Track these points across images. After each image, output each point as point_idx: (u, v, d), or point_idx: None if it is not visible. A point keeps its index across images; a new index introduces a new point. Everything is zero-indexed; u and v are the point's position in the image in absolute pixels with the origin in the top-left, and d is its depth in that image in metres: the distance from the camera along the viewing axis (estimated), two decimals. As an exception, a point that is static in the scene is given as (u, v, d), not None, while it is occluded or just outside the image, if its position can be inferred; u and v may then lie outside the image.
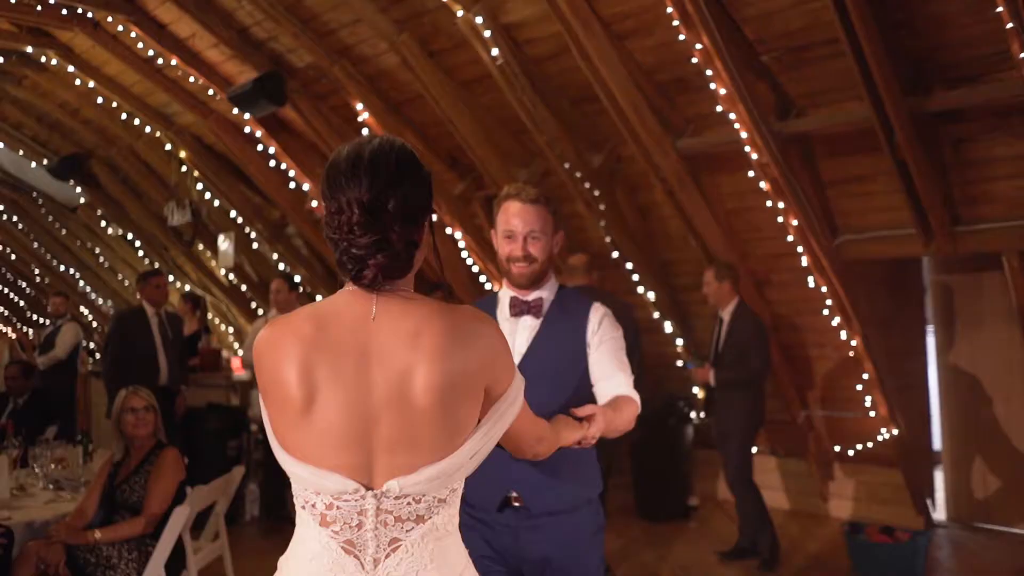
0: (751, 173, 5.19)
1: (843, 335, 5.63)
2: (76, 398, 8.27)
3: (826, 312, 5.60)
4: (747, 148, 4.94)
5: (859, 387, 5.79)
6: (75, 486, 4.13)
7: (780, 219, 5.28)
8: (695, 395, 6.68)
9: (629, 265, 6.33)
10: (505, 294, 2.50)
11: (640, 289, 6.41)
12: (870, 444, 5.97)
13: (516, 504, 2.36)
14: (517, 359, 2.36)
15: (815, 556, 5.63)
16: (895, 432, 5.77)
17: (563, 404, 2.21)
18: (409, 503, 1.46)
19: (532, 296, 2.45)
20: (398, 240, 1.48)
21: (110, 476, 3.87)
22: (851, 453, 6.14)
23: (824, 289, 5.46)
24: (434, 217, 1.64)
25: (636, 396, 2.35)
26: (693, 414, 6.80)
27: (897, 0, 4.16)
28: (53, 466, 4.23)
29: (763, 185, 5.12)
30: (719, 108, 4.89)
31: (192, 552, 3.93)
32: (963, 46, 4.34)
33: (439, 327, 1.47)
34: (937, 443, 6.55)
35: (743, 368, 5.26)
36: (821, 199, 5.33)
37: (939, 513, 6.27)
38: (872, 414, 5.84)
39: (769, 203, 5.24)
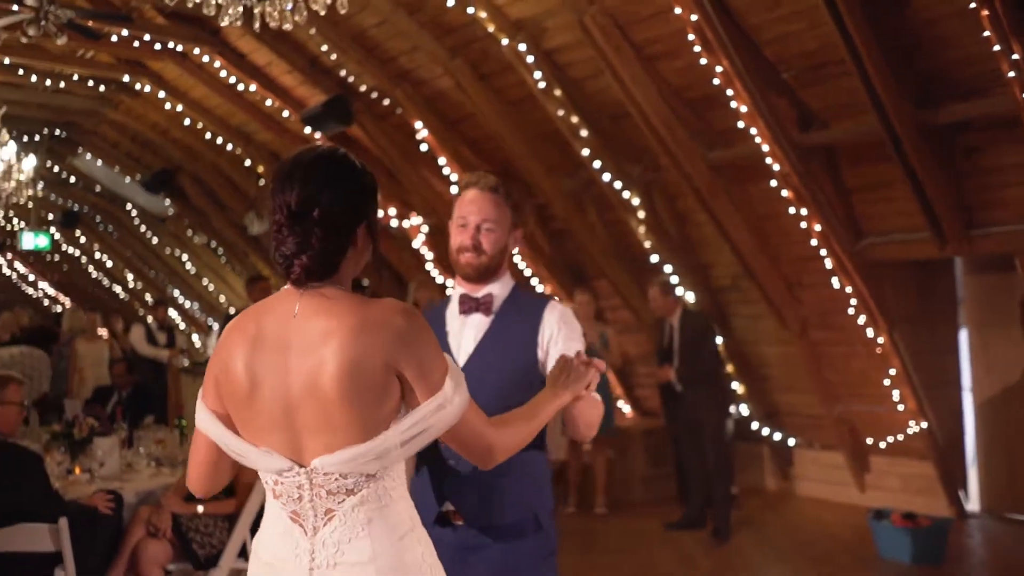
0: (773, 182, 5.58)
1: (870, 333, 5.96)
2: (168, 391, 9.11)
3: (851, 311, 5.93)
4: (768, 160, 5.34)
5: (887, 383, 6.10)
6: (173, 463, 4.79)
7: (803, 225, 5.64)
8: (734, 389, 7.10)
9: (668, 268, 6.76)
10: (456, 291, 2.35)
11: (679, 291, 6.82)
12: (900, 437, 6.26)
13: (455, 521, 2.18)
14: (464, 358, 2.23)
15: (843, 542, 5.96)
16: (924, 425, 6.05)
17: (511, 408, 1.92)
18: (337, 479, 1.59)
19: (482, 292, 2.29)
20: (319, 244, 1.58)
21: None
22: (883, 446, 6.44)
23: (849, 290, 5.80)
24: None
25: (599, 397, 2.17)
26: (733, 408, 7.18)
27: (901, 23, 4.52)
28: (155, 446, 4.92)
29: (785, 193, 5.50)
30: (740, 124, 5.29)
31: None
32: (966, 63, 4.66)
33: (347, 323, 1.56)
34: (971, 437, 6.77)
35: (698, 362, 6.09)
36: (845, 205, 5.67)
37: (972, 504, 6.51)
38: (900, 408, 6.13)
39: (792, 209, 5.62)
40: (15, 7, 6.10)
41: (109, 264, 14.65)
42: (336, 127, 7.39)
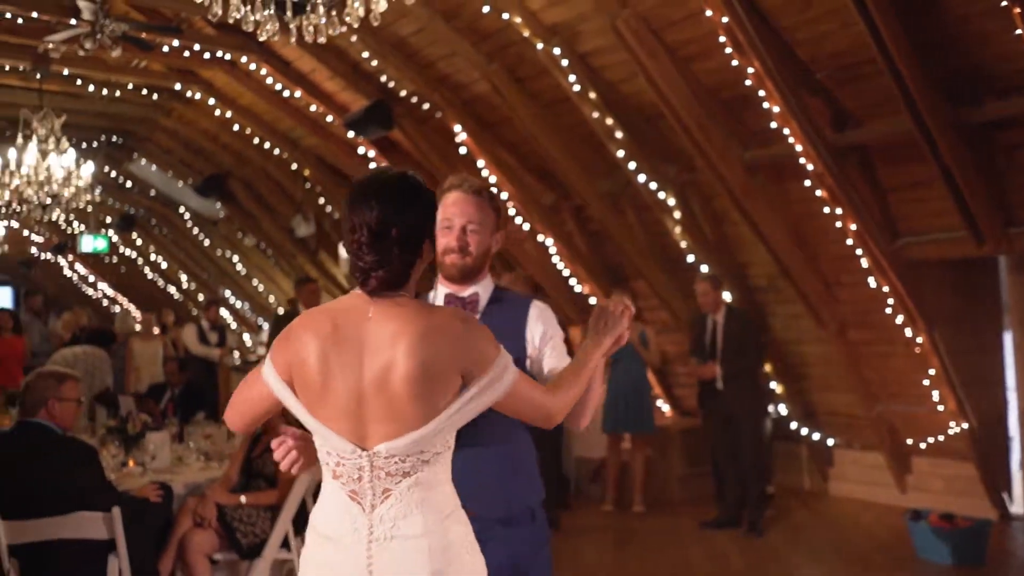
0: (808, 182, 5.58)
1: (908, 332, 5.92)
2: (219, 388, 9.41)
3: (889, 311, 5.90)
4: (802, 160, 5.35)
5: (926, 383, 6.05)
6: (220, 457, 5.00)
7: (839, 224, 5.64)
8: (772, 388, 7.10)
9: (704, 268, 6.79)
10: (440, 292, 2.40)
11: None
12: (941, 437, 6.21)
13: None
14: None
15: (880, 542, 5.94)
16: (965, 426, 5.99)
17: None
18: (396, 462, 1.81)
19: (467, 292, 2.36)
20: (397, 260, 1.82)
21: (248, 450, 4.69)
22: (923, 446, 6.38)
23: (886, 289, 5.78)
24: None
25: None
26: (771, 407, 7.18)
27: (932, 22, 4.50)
28: (203, 441, 5.14)
29: (820, 193, 5.51)
30: (773, 124, 5.31)
31: (314, 514, 4.72)
32: (1003, 61, 4.62)
33: (415, 328, 1.80)
34: (1016, 438, 6.67)
35: (742, 361, 6.12)
36: (882, 204, 5.65)
37: (1017, 506, 6.41)
38: (941, 409, 6.08)
39: (827, 209, 5.62)
40: (72, 21, 6.40)
41: (164, 265, 15.10)
42: (377, 131, 7.57)
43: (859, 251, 5.67)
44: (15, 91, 9.02)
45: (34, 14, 6.88)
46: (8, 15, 7.01)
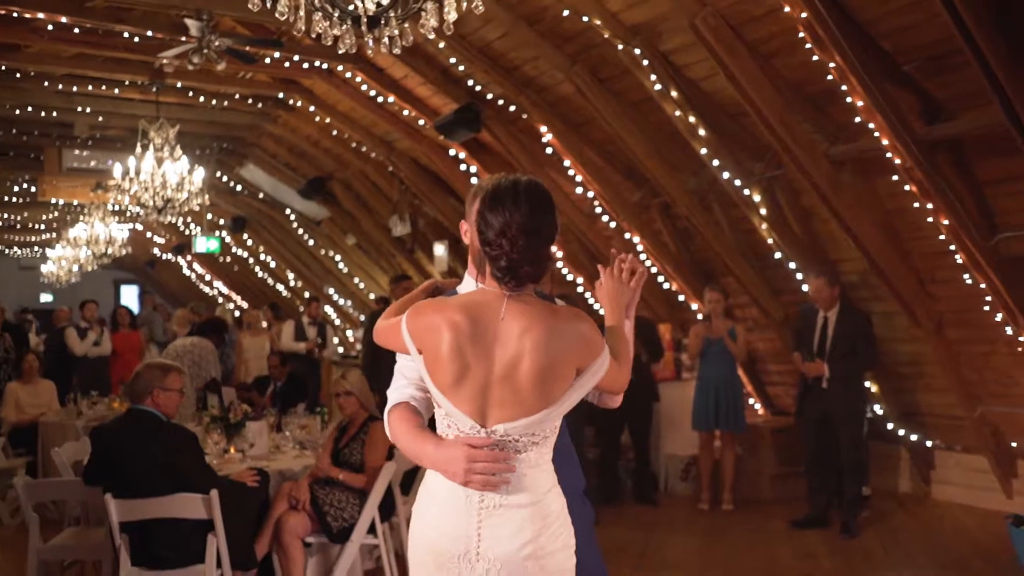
0: (897, 177, 5.43)
1: (1009, 331, 5.68)
2: (320, 381, 9.85)
3: (987, 308, 5.67)
4: (889, 154, 5.22)
5: (1030, 383, 5.80)
6: (314, 447, 5.30)
7: (931, 219, 5.46)
8: (868, 388, 6.91)
9: (792, 265, 6.69)
10: (467, 284, 2.40)
11: (805, 288, 6.73)
12: (1047, 441, 5.93)
13: None
14: None
15: (981, 548, 5.74)
16: (1073, 429, 5.72)
17: None
18: (510, 441, 2.04)
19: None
20: (544, 257, 2.05)
21: (336, 439, 4.95)
22: (1028, 450, 6.12)
23: (983, 285, 5.56)
24: None
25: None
26: (867, 407, 6.99)
27: (1020, 7, 4.32)
28: (299, 431, 5.45)
29: (908, 188, 5.35)
30: (857, 119, 5.20)
31: (401, 503, 4.94)
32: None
33: (542, 327, 2.02)
34: None
35: (857, 359, 5.88)
36: (977, 198, 5.44)
37: None
38: (1047, 410, 5.82)
39: (917, 204, 5.45)
40: (183, 39, 6.87)
41: (272, 264, 15.82)
42: (466, 134, 7.78)
43: (952, 247, 5.48)
44: (134, 103, 9.70)
45: (149, 33, 7.41)
46: (126, 34, 7.56)
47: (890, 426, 6.96)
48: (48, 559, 4.53)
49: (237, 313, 15.66)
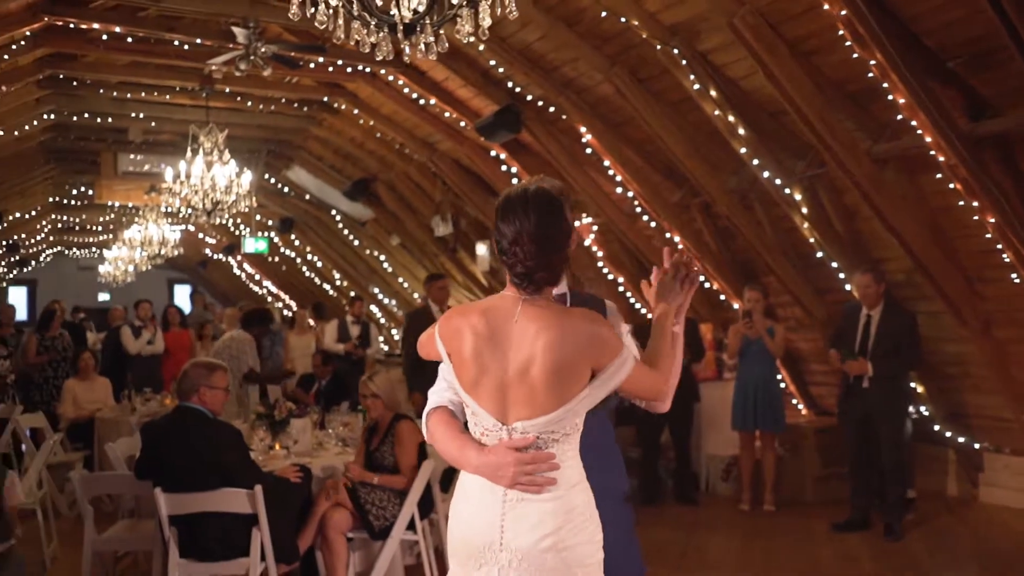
0: (939, 175, 5.35)
1: (1060, 331, 5.56)
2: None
3: (1037, 308, 5.56)
4: (932, 151, 5.14)
5: (1083, 384, 5.66)
6: (356, 444, 5.40)
7: (976, 218, 5.37)
8: (913, 388, 6.81)
9: (834, 265, 6.62)
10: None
11: (848, 287, 6.65)
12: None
13: None
14: None
15: (1033, 552, 5.62)
16: None
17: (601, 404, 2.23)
18: (530, 438, 2.14)
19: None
20: (557, 261, 2.14)
21: (367, 442, 5.02)
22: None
23: (1032, 285, 5.45)
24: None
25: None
26: (912, 408, 6.88)
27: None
28: (342, 428, 5.56)
29: (953, 185, 5.27)
30: (899, 116, 5.14)
31: (440, 500, 5.02)
32: None
33: (554, 330, 2.09)
34: None
35: (899, 359, 5.78)
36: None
37: None
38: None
39: (962, 202, 5.36)
40: (230, 46, 7.06)
41: (319, 264, 16.09)
42: (506, 135, 7.85)
43: (999, 245, 5.38)
44: (185, 109, 9.97)
45: (198, 40, 7.63)
46: (176, 42, 7.80)
47: (937, 427, 6.85)
48: (102, 550, 4.70)
49: (287, 313, 15.94)
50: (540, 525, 2.11)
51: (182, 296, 25.34)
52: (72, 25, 7.33)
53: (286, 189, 13.49)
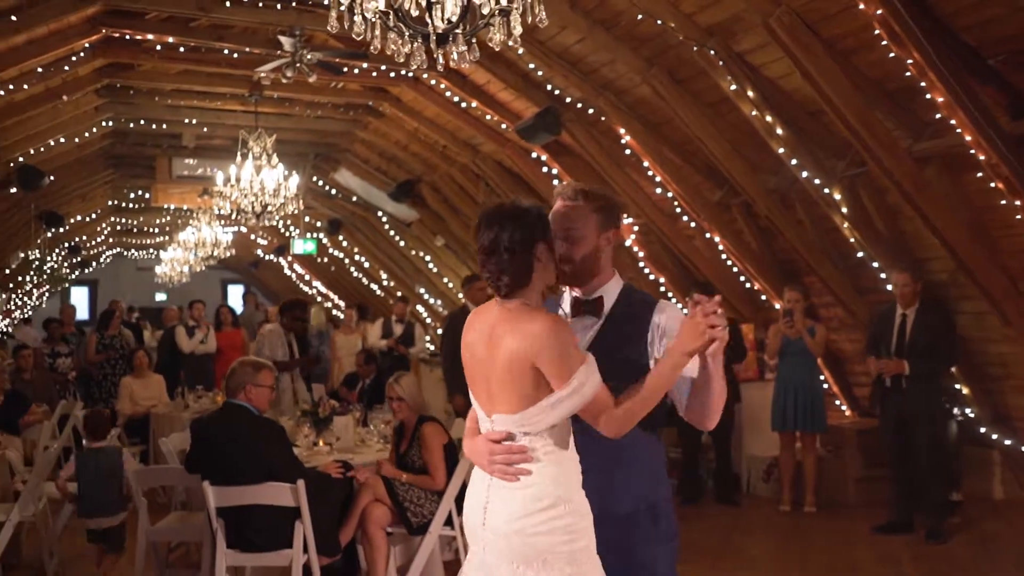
0: (980, 174, 5.29)
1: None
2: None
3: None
4: (972, 150, 5.08)
5: None
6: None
7: (1019, 216, 5.29)
8: (958, 390, 6.72)
9: (875, 264, 6.56)
10: (568, 294, 2.54)
11: (889, 287, 6.59)
12: None
13: None
14: None
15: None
16: None
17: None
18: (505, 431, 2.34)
19: (593, 296, 2.47)
20: (513, 267, 2.28)
21: (396, 444, 5.10)
22: None
23: (1080, 285, 5.35)
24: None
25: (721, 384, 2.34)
26: (957, 410, 6.79)
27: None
28: (383, 426, 5.71)
29: (994, 184, 5.20)
30: (938, 115, 5.09)
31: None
32: None
33: (510, 328, 2.28)
34: None
35: (938, 356, 5.84)
36: (1071, 194, 5.24)
37: None
38: None
39: (1004, 201, 5.29)
40: (277, 53, 7.27)
41: (366, 265, 16.35)
42: (546, 137, 7.92)
43: (1044, 245, 5.30)
44: (236, 115, 10.27)
45: (247, 49, 7.88)
46: (226, 51, 8.06)
47: (983, 430, 6.74)
48: (155, 540, 4.91)
49: (339, 314, 16.20)
50: (511, 511, 2.30)
51: (235, 296, 25.92)
52: (128, 36, 7.64)
53: (334, 191, 13.75)
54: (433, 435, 4.89)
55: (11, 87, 7.52)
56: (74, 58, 7.80)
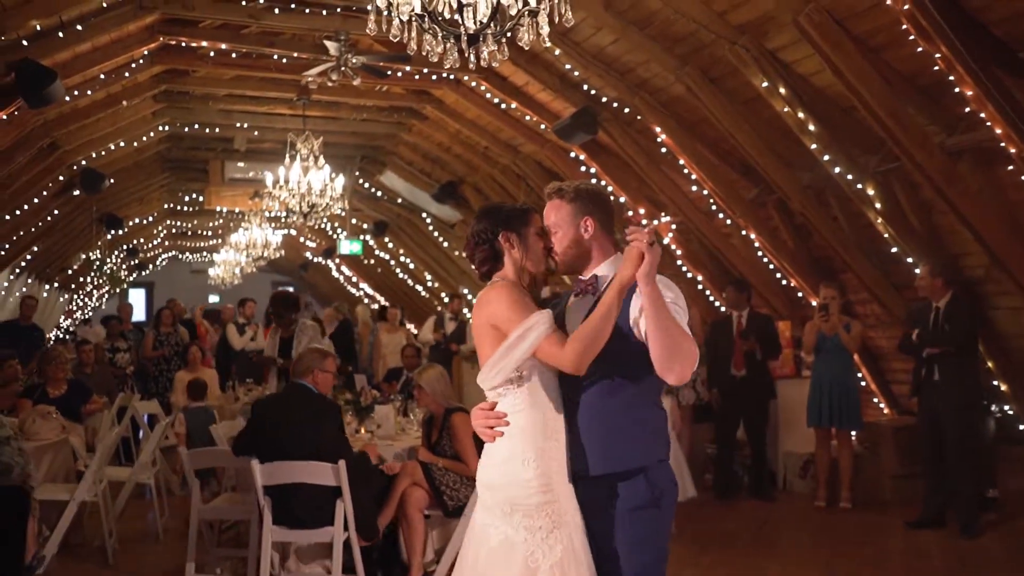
0: (1011, 167, 5.30)
1: None
2: (451, 375, 10.41)
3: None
4: (1003, 143, 5.11)
5: None
6: (434, 430, 5.76)
7: (1052, 210, 5.30)
8: (996, 386, 6.69)
9: (910, 260, 6.58)
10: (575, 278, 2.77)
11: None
12: None
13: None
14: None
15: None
16: None
17: (616, 371, 2.47)
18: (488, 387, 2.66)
19: (587, 276, 2.64)
20: (481, 255, 2.72)
21: (427, 435, 5.31)
22: None
23: (1115, 278, 5.33)
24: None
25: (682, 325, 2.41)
26: (995, 407, 6.77)
27: None
28: (422, 415, 5.92)
29: (1025, 178, 5.22)
30: (967, 109, 5.13)
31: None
32: None
33: (478, 301, 2.66)
34: None
35: (949, 334, 5.98)
36: (1106, 187, 5.23)
37: None
38: None
39: (1036, 195, 5.30)
40: (324, 58, 7.56)
41: (411, 266, 16.63)
42: (583, 136, 8.08)
43: (1078, 238, 5.29)
44: (285, 118, 10.62)
45: (295, 54, 8.19)
46: (276, 56, 8.38)
47: (1021, 427, 6.70)
48: (207, 518, 5.19)
49: (377, 307, 16.52)
50: (485, 466, 2.65)
51: (284, 297, 26.33)
52: (184, 44, 8.00)
53: (379, 194, 14.06)
54: (462, 425, 5.08)
55: (75, 93, 7.92)
56: (133, 65, 8.20)
